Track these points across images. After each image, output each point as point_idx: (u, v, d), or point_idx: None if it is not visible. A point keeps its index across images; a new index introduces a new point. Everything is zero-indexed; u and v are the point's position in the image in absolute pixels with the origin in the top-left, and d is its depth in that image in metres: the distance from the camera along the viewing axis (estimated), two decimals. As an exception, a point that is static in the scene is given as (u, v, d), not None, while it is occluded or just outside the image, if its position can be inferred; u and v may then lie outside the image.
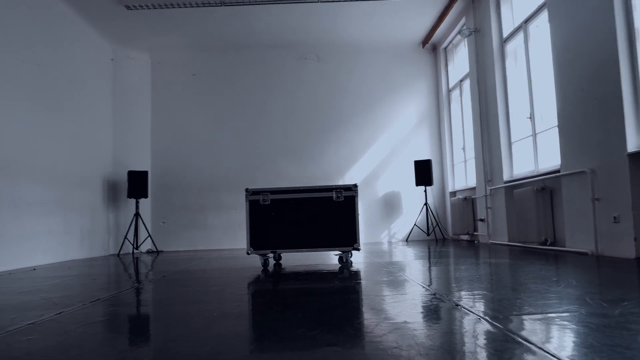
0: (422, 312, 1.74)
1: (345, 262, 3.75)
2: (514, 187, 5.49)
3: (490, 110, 6.08)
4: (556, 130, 4.69)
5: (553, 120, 4.83)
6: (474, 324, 1.51)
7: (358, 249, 3.75)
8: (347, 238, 3.69)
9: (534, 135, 5.15)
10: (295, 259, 4.72)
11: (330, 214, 3.73)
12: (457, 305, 1.86)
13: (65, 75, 6.30)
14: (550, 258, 3.74)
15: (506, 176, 5.70)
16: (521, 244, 5.09)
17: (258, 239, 3.79)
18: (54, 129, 5.95)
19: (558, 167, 4.57)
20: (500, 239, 5.79)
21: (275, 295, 2.34)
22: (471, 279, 2.62)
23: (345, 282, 2.76)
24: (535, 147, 5.13)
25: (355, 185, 3.76)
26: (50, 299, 2.56)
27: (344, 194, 3.73)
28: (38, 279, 3.66)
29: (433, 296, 2.10)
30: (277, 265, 4.10)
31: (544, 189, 4.69)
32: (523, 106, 5.57)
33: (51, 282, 3.43)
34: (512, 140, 5.70)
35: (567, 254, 4.03)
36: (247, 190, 3.83)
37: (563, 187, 4.36)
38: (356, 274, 3.14)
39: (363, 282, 2.73)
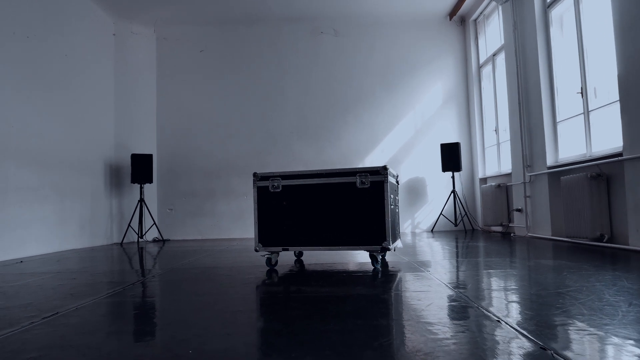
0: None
1: (378, 263, 3.06)
2: (560, 174, 4.80)
3: (530, 86, 5.36)
4: (615, 106, 3.99)
5: (610, 95, 4.13)
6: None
7: (388, 249, 2.98)
8: (373, 234, 3.00)
9: (586, 113, 4.44)
10: (309, 255, 4.15)
11: (353, 204, 3.04)
12: (547, 349, 1.26)
13: (61, 50, 5.77)
14: (615, 259, 3.10)
15: (550, 161, 5.01)
16: (570, 239, 4.43)
17: (268, 234, 3.19)
18: (49, 107, 5.44)
19: (619, 149, 3.87)
20: (542, 232, 5.13)
21: (281, 315, 1.77)
22: (539, 292, 2.01)
23: (371, 294, 2.18)
24: (587, 127, 4.43)
25: (385, 168, 3.01)
26: (1, 309, 2.04)
27: (370, 178, 3.03)
28: (13, 276, 3.16)
29: (497, 325, 1.51)
30: (298, 262, 3.56)
31: (600, 176, 4.01)
32: (571, 80, 4.85)
33: (25, 280, 2.93)
34: (558, 120, 5.00)
35: (632, 254, 3.37)
36: (255, 175, 3.24)
37: (626, 173, 3.68)
38: (382, 281, 2.55)
39: (392, 294, 2.14)
